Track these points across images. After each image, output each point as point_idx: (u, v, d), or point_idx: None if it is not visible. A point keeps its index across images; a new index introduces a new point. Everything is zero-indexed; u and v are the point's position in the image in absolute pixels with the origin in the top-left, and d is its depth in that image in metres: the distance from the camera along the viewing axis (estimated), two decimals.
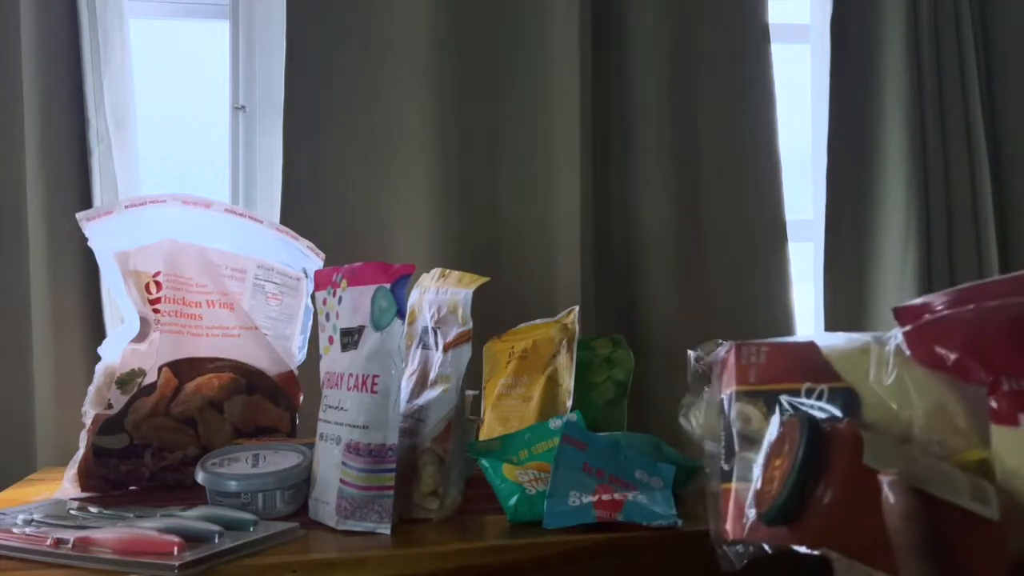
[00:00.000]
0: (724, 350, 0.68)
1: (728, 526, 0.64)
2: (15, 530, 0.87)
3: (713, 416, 0.68)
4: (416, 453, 0.97)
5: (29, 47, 1.36)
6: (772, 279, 1.61)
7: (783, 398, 0.64)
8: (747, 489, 0.62)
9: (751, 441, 0.64)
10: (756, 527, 0.60)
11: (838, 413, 0.62)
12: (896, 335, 0.62)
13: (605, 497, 0.93)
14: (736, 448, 0.65)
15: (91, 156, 1.40)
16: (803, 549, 0.57)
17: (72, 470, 1.09)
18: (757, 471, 0.62)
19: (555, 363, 1.19)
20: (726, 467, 0.65)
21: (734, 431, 0.65)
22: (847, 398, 0.62)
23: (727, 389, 0.67)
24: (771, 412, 0.64)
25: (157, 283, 1.12)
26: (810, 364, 0.64)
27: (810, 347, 0.65)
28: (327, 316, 1.02)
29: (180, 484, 1.12)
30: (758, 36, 1.62)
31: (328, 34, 1.46)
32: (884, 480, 0.55)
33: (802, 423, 0.58)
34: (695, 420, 0.80)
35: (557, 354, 1.19)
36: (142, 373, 1.10)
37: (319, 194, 1.45)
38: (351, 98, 1.47)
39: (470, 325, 1.00)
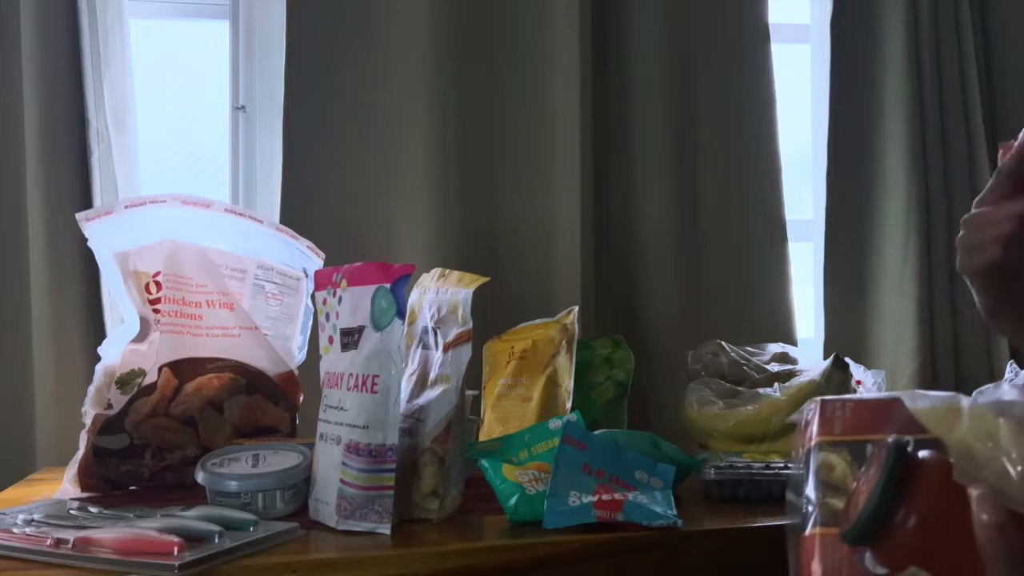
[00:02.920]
0: (808, 408, 0.71)
1: (815, 568, 0.64)
2: (15, 530, 0.87)
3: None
4: (416, 453, 0.97)
5: (29, 47, 1.36)
6: (772, 279, 1.61)
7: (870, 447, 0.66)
8: (832, 534, 0.63)
9: (835, 488, 0.66)
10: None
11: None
12: (989, 391, 0.63)
13: (605, 497, 0.93)
14: (820, 496, 0.66)
15: (91, 156, 1.40)
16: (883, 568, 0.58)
17: (72, 470, 1.09)
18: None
19: (555, 363, 1.19)
20: (807, 516, 0.66)
21: (815, 479, 0.67)
22: (933, 449, 0.63)
23: (810, 441, 0.69)
24: (855, 461, 0.66)
25: (157, 283, 1.12)
26: (896, 417, 0.65)
27: (895, 402, 0.66)
28: (327, 316, 1.02)
29: (180, 484, 1.12)
30: (758, 36, 1.62)
31: (328, 34, 1.46)
32: (974, 493, 0.55)
33: (889, 446, 0.59)
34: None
35: (557, 354, 1.19)
36: (142, 373, 1.10)
37: (319, 194, 1.45)
38: (351, 98, 1.47)
39: (470, 325, 1.00)
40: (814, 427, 0.69)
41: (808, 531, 0.66)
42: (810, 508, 0.66)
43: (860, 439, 0.67)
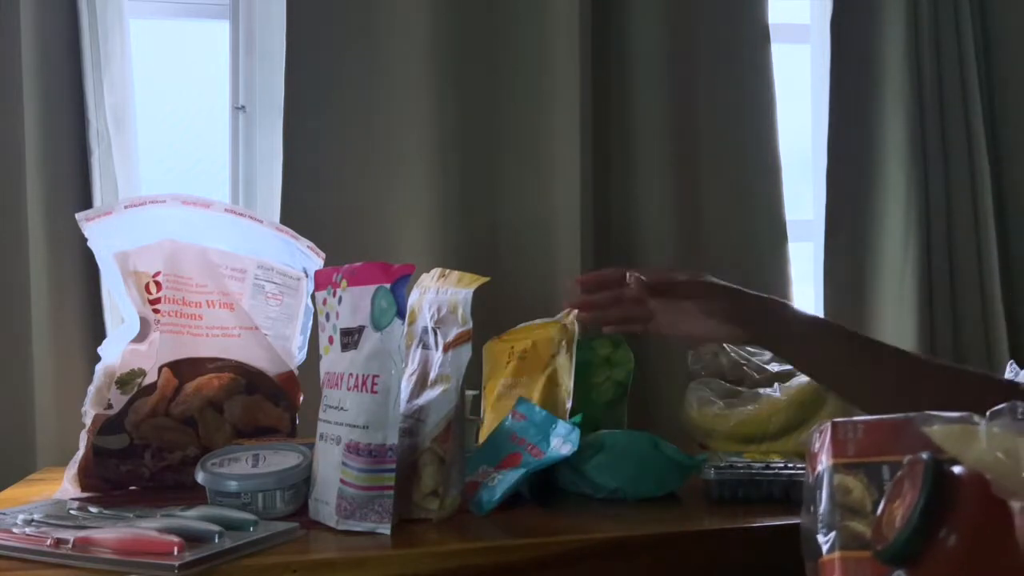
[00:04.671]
0: (818, 431, 0.70)
1: None
2: (15, 530, 0.87)
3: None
4: (416, 453, 0.97)
5: (29, 47, 1.36)
6: (772, 279, 1.61)
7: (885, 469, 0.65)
8: (854, 558, 0.62)
9: (853, 511, 0.65)
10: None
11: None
12: (1005, 411, 0.62)
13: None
14: (837, 519, 0.65)
15: (91, 156, 1.40)
16: None
17: (72, 470, 1.09)
18: (873, 517, 0.62)
19: (555, 363, 1.19)
20: (824, 540, 0.65)
21: (831, 502, 0.66)
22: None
23: (823, 464, 0.68)
24: (872, 483, 0.65)
25: (157, 283, 1.12)
26: (910, 438, 0.64)
27: (907, 423, 0.66)
28: (327, 316, 1.02)
29: (180, 484, 1.11)
30: (758, 36, 1.62)
31: (328, 34, 1.46)
32: (1016, 506, 0.54)
33: (926, 463, 0.58)
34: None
35: (557, 354, 1.19)
36: (142, 373, 1.10)
37: (319, 194, 1.45)
38: (351, 98, 1.47)
39: (470, 325, 1.00)
40: (826, 449, 0.68)
41: (827, 556, 0.65)
42: (827, 532, 0.65)
43: (876, 460, 0.66)
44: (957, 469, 0.59)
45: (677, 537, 0.92)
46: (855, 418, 0.70)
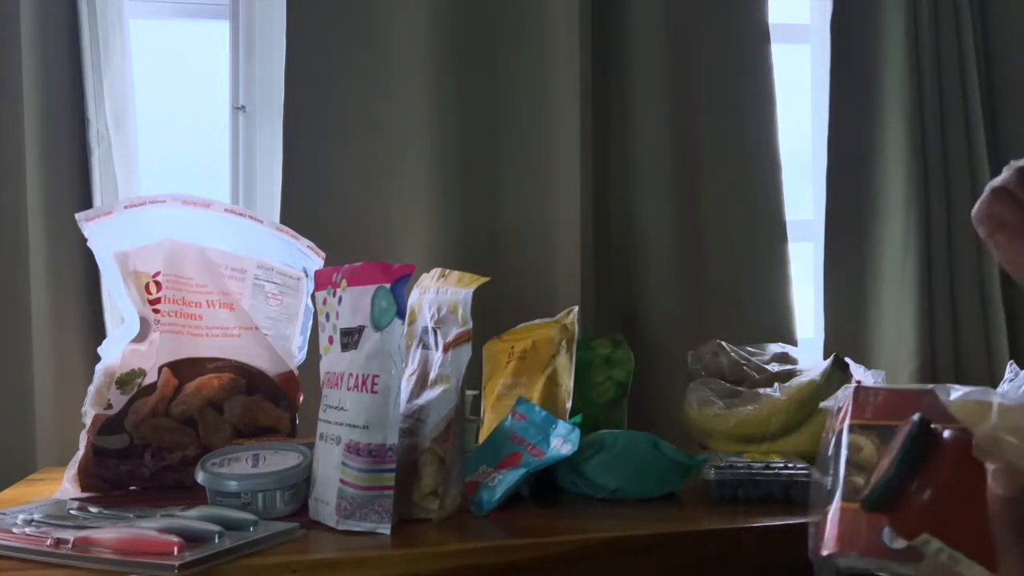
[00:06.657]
0: (844, 394, 0.75)
1: (833, 538, 0.68)
2: (15, 530, 0.87)
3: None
4: (416, 453, 0.97)
5: (29, 47, 1.36)
6: (772, 279, 1.61)
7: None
8: (852, 508, 0.67)
9: (859, 467, 0.70)
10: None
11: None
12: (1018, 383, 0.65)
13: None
14: (844, 473, 0.70)
15: (91, 156, 1.40)
16: (899, 542, 0.62)
17: (72, 470, 1.09)
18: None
19: (555, 363, 1.19)
20: (831, 491, 0.70)
21: (844, 458, 0.71)
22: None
23: (842, 424, 0.73)
24: (883, 444, 0.70)
25: (157, 283, 1.12)
26: (926, 407, 0.68)
27: (927, 393, 0.70)
28: (327, 316, 1.02)
29: (180, 484, 1.12)
30: (758, 36, 1.62)
31: (328, 34, 1.46)
32: (991, 468, 0.57)
33: (913, 421, 0.61)
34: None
35: (557, 354, 1.19)
36: (142, 373, 1.10)
37: (319, 194, 1.45)
38: (351, 98, 1.47)
39: (470, 325, 1.00)
40: (847, 410, 0.73)
41: (830, 505, 0.69)
42: (834, 484, 0.70)
43: (889, 424, 0.70)
44: (947, 433, 0.62)
45: (677, 537, 0.92)
46: (879, 385, 0.75)
